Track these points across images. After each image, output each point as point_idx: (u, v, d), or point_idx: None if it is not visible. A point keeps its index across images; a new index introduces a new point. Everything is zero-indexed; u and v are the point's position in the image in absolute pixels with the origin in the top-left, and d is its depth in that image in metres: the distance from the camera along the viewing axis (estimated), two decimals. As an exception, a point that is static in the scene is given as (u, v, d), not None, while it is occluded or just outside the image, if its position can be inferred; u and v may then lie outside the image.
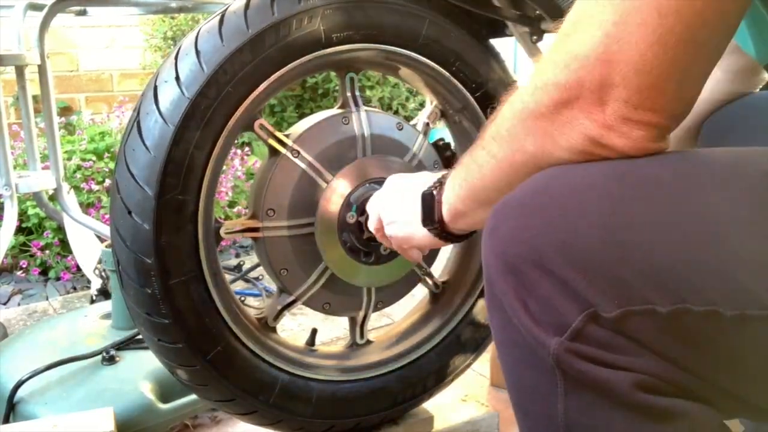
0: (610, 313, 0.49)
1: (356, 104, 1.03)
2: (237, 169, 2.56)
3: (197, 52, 0.87)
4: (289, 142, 0.98)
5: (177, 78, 0.86)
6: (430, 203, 0.78)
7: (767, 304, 0.47)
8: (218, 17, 0.89)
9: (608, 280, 0.49)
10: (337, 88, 3.05)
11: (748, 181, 0.52)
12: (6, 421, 1.16)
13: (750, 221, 0.49)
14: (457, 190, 0.73)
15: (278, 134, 0.98)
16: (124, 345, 1.29)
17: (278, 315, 1.05)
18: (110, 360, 1.26)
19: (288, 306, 1.04)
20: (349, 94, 1.03)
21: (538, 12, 1.07)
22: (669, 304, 0.48)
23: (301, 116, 3.02)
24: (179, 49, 0.89)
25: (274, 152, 0.98)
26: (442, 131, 1.18)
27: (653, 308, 0.48)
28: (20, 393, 1.18)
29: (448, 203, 0.76)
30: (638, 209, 0.50)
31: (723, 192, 0.51)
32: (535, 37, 1.12)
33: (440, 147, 1.14)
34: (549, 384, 0.52)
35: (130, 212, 0.87)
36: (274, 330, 1.06)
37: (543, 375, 0.52)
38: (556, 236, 0.51)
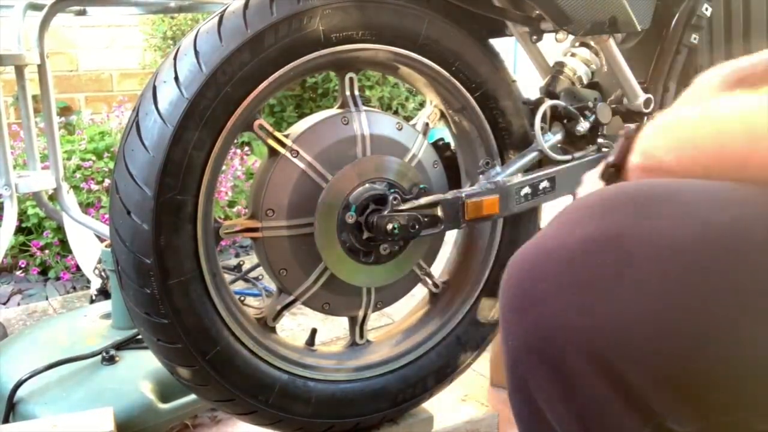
0: (686, 427, 0.38)
1: (356, 104, 1.03)
2: (237, 169, 2.56)
3: (196, 53, 0.87)
4: (288, 142, 0.97)
5: (176, 78, 0.86)
6: None
7: None
8: (217, 17, 0.89)
9: (686, 386, 0.37)
10: (337, 87, 3.05)
11: None
12: (6, 420, 1.16)
13: None
14: None
15: (277, 134, 0.97)
16: (124, 345, 1.29)
17: (278, 315, 1.05)
18: (110, 360, 1.26)
19: (287, 306, 1.04)
20: (348, 94, 1.03)
21: (538, 12, 1.07)
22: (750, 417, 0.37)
23: (301, 116, 3.02)
24: (178, 49, 0.89)
25: (273, 152, 0.98)
26: (442, 131, 1.18)
27: (745, 421, 0.37)
28: (20, 393, 1.18)
29: None
30: (734, 297, 0.37)
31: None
32: (534, 37, 1.12)
33: (440, 147, 1.14)
34: None
35: (129, 212, 0.87)
36: (273, 330, 1.06)
37: None
38: (623, 323, 0.38)
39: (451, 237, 1.21)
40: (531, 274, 0.42)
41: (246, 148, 2.82)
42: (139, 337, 1.28)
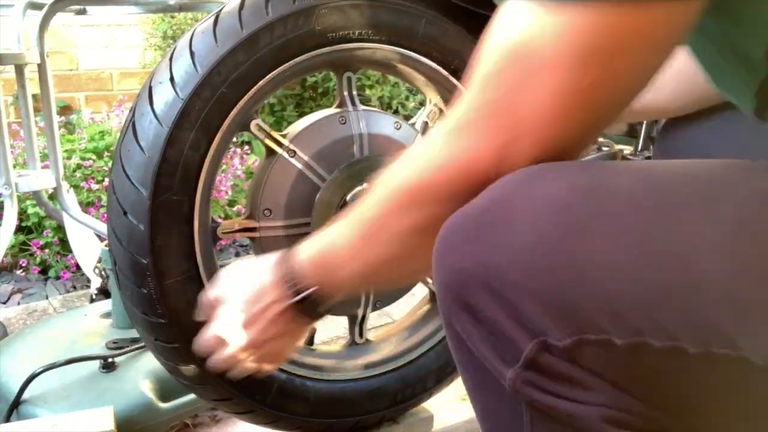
0: (563, 342, 0.46)
1: (353, 104, 1.03)
2: (237, 168, 2.56)
3: (191, 53, 0.87)
4: (285, 142, 0.97)
5: (171, 79, 0.86)
6: None
7: (736, 343, 0.43)
8: (213, 18, 0.89)
9: (562, 306, 0.46)
10: (337, 87, 3.04)
11: (735, 199, 0.46)
12: (8, 419, 1.17)
13: (729, 249, 0.44)
14: None
15: (275, 134, 0.97)
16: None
17: (276, 315, 1.05)
18: (108, 367, 1.25)
19: (285, 306, 1.04)
20: (346, 93, 1.03)
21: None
22: (626, 336, 0.44)
23: (301, 115, 3.01)
24: (174, 50, 0.89)
25: (270, 152, 0.98)
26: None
27: (609, 339, 0.45)
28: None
29: None
30: (600, 228, 0.46)
31: (703, 211, 0.46)
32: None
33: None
34: (515, 412, 0.50)
35: (125, 213, 0.87)
36: (271, 330, 1.06)
37: (509, 403, 0.51)
38: (508, 256, 0.48)
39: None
40: (447, 231, 0.52)
41: (246, 147, 2.82)
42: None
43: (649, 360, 0.45)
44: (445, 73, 1.05)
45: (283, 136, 0.98)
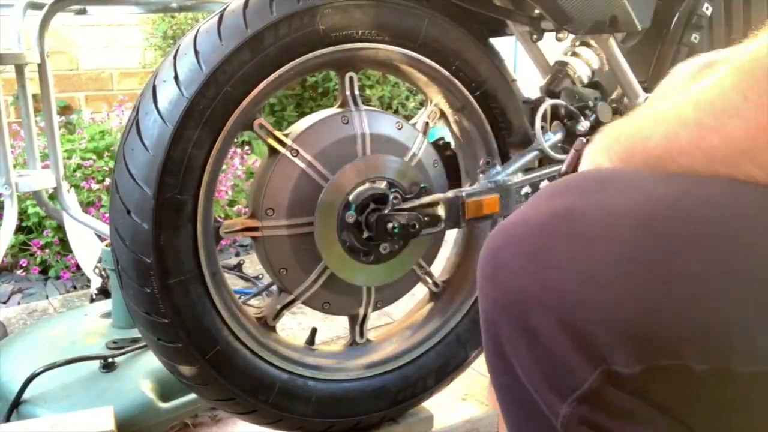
0: (631, 369, 0.41)
1: (356, 103, 1.03)
2: (237, 168, 2.56)
3: (196, 52, 0.87)
4: (288, 141, 0.97)
5: (176, 77, 0.86)
6: None
7: None
8: (217, 17, 0.89)
9: (638, 334, 0.41)
10: (337, 86, 3.05)
11: None
12: (8, 419, 1.16)
13: None
14: None
15: (277, 134, 0.97)
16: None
17: (278, 314, 1.05)
18: (108, 367, 1.25)
19: (287, 305, 1.04)
20: (348, 93, 1.03)
21: (538, 11, 1.07)
22: (708, 362, 0.40)
23: (301, 115, 3.01)
24: (178, 48, 0.89)
25: (273, 152, 0.98)
26: (443, 130, 1.18)
27: (686, 365, 0.40)
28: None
29: None
30: (692, 251, 0.41)
31: None
32: (535, 37, 1.12)
33: (440, 146, 1.14)
34: None
35: (129, 212, 0.87)
36: (273, 329, 1.06)
37: None
38: (580, 278, 0.43)
39: (451, 236, 1.21)
40: (500, 244, 0.48)
41: (246, 148, 2.82)
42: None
43: (729, 389, 0.41)
44: (446, 73, 1.05)
45: (286, 136, 0.98)
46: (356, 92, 1.03)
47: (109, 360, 1.24)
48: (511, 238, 0.47)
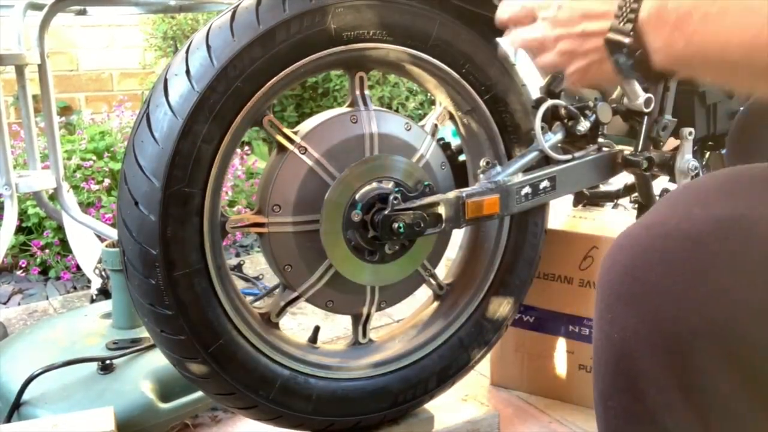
0: None
1: (365, 103, 1.03)
2: (237, 168, 2.56)
3: (208, 47, 0.87)
4: (297, 138, 0.98)
5: (187, 71, 0.87)
6: None
7: None
8: (230, 13, 0.89)
9: None
10: (337, 87, 3.07)
11: None
12: (8, 420, 1.16)
13: None
14: None
15: (286, 131, 0.98)
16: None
17: (281, 311, 1.05)
18: (106, 369, 1.25)
19: (291, 302, 1.04)
20: (358, 93, 1.03)
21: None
22: None
23: (301, 116, 3.02)
24: (190, 43, 0.89)
25: (281, 149, 0.98)
26: (443, 130, 1.19)
27: None
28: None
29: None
30: None
31: None
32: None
33: (440, 146, 1.14)
34: None
35: (136, 203, 0.87)
36: (276, 326, 1.06)
37: None
38: (759, 312, 0.34)
39: (457, 239, 1.21)
40: (645, 258, 0.38)
41: (246, 148, 2.83)
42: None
43: None
44: (456, 75, 1.06)
45: (295, 133, 0.99)
46: (366, 92, 1.04)
47: (107, 362, 1.24)
48: (657, 254, 0.38)
